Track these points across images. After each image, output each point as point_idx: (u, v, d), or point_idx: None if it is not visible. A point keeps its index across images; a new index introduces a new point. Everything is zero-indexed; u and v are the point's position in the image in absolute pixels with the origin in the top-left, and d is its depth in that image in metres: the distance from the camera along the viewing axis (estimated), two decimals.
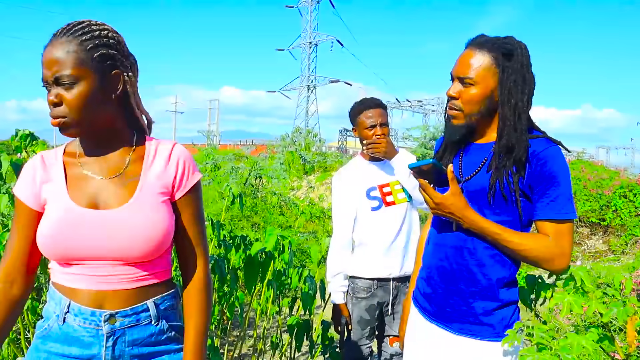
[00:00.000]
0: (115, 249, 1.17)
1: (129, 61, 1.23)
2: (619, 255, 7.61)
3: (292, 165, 16.13)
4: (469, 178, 1.53)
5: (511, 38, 1.47)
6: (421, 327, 1.64)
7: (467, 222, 1.47)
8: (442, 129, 9.27)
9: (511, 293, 1.51)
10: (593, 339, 1.31)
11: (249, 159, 12.62)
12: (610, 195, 8.20)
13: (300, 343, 2.67)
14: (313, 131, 22.19)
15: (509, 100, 1.44)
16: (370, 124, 2.46)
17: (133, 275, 1.21)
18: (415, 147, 16.08)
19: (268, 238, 2.38)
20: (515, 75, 1.43)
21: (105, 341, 1.19)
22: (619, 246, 7.80)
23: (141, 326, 1.22)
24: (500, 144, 1.45)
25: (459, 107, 1.50)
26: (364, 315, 2.54)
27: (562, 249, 1.42)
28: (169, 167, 1.25)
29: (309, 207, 8.84)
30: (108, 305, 1.19)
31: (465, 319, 1.51)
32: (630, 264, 1.71)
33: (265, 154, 18.61)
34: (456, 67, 1.51)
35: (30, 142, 2.86)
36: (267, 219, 7.71)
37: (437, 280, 1.59)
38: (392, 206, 2.50)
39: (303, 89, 46.90)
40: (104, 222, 1.17)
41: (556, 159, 1.42)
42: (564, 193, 1.41)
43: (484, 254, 1.49)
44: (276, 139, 23.18)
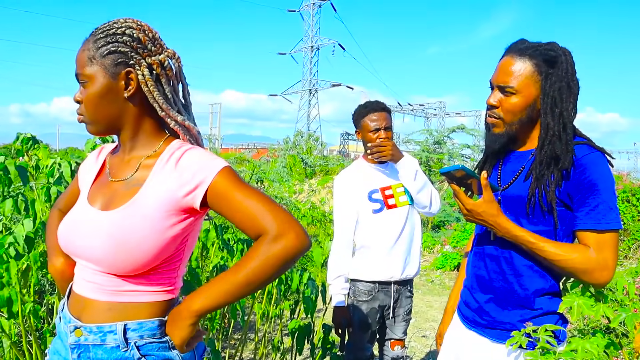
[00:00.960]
0: (86, 251, 1.12)
1: (152, 60, 1.15)
2: (622, 259, 7.58)
3: (293, 169, 16.14)
4: (507, 186, 1.50)
5: (554, 44, 1.43)
6: (461, 335, 1.63)
7: (501, 230, 1.44)
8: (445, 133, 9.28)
9: (552, 303, 1.46)
10: (598, 344, 1.30)
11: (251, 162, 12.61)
12: None
13: (301, 347, 2.66)
14: (315, 135, 22.19)
15: (552, 110, 1.40)
16: (375, 127, 2.45)
17: (110, 288, 1.12)
18: (417, 151, 16.02)
19: None
20: (560, 83, 1.39)
21: (70, 352, 1.14)
22: (622, 251, 7.77)
23: (107, 347, 1.11)
24: (543, 154, 1.40)
25: (499, 116, 1.47)
26: (365, 318, 2.52)
27: (604, 261, 1.35)
28: (176, 174, 1.11)
29: (310, 211, 8.83)
30: (85, 315, 1.14)
31: (503, 327, 1.49)
32: (633, 268, 1.70)
33: (267, 158, 18.61)
34: (496, 74, 1.46)
35: (32, 146, 2.86)
36: None
37: (476, 289, 1.58)
38: (394, 209, 2.49)
39: (305, 92, 46.95)
40: (89, 221, 1.14)
41: (597, 166, 1.36)
42: (605, 202, 1.34)
43: (521, 264, 1.47)
44: (278, 143, 23.19)
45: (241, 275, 1.06)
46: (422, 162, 15.17)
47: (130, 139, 1.19)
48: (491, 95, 1.49)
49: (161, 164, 1.14)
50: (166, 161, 1.13)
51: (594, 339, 1.32)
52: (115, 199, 1.15)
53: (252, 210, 1.09)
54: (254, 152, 33.88)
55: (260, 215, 1.08)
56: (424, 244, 9.17)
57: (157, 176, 1.12)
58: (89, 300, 1.14)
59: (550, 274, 1.46)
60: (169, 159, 1.13)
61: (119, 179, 1.18)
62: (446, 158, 15.11)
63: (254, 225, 1.09)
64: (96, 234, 1.10)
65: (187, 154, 1.13)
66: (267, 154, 23.70)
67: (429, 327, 5.15)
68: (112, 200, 1.15)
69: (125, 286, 1.12)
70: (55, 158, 2.68)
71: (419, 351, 4.39)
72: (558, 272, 1.45)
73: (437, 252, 8.93)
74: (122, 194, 1.14)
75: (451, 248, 8.71)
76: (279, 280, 2.61)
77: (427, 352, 4.38)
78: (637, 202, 8.02)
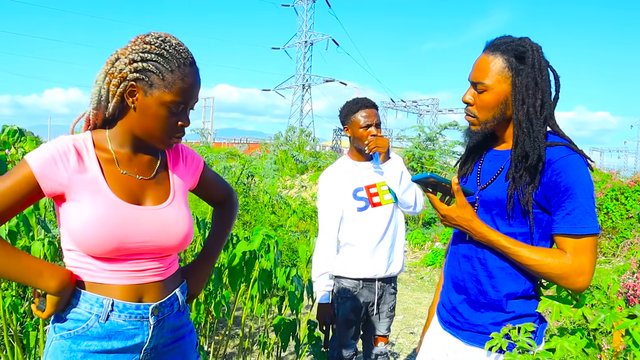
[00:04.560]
0: (162, 242, 1.28)
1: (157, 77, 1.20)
2: (610, 257, 7.63)
3: (285, 164, 16.10)
4: (485, 187, 1.49)
5: (525, 39, 1.40)
6: (438, 335, 1.62)
7: (476, 235, 1.43)
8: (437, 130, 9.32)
9: (526, 306, 1.44)
10: (577, 343, 1.29)
11: (241, 157, 12.56)
12: (602, 198, 8.22)
13: (286, 343, 2.65)
14: (307, 130, 22.14)
15: (522, 106, 1.38)
16: (366, 124, 2.45)
17: (163, 268, 1.33)
18: (410, 148, 16.04)
19: (254, 237, 2.35)
20: (527, 79, 1.37)
21: (151, 330, 1.29)
22: (611, 249, 7.82)
23: (174, 313, 1.36)
24: (516, 152, 1.39)
25: (474, 114, 1.45)
26: (349, 315, 2.52)
27: (580, 266, 1.32)
28: (182, 165, 1.41)
29: (301, 206, 8.82)
30: (146, 297, 1.29)
31: (475, 329, 1.48)
32: (620, 266, 1.70)
33: (259, 153, 18.56)
34: (471, 72, 1.46)
35: (18, 138, 2.82)
36: (258, 218, 7.67)
37: (450, 289, 1.57)
38: (378, 207, 2.49)
39: (298, 87, 46.84)
40: (153, 218, 1.27)
41: (573, 169, 1.32)
42: (581, 205, 1.31)
43: (494, 265, 1.45)
44: (270, 138, 23.13)
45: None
46: (414, 158, 15.20)
47: (140, 141, 1.30)
48: (466, 93, 1.48)
49: (170, 159, 1.39)
50: (171, 156, 1.40)
51: (572, 337, 1.31)
52: (157, 195, 1.31)
53: (221, 184, 1.60)
54: (246, 146, 33.79)
55: (225, 185, 1.62)
56: (415, 241, 9.19)
57: (175, 169, 1.38)
58: (148, 284, 1.29)
59: (526, 276, 1.44)
60: (172, 154, 1.40)
61: (148, 177, 1.31)
62: (437, 154, 15.15)
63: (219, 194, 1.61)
64: (166, 226, 1.28)
65: (181, 149, 1.43)
66: (259, 149, 23.63)
67: (417, 324, 5.16)
68: (156, 196, 1.31)
69: (169, 264, 1.35)
70: None
71: (406, 347, 4.40)
72: (532, 275, 1.43)
73: (428, 249, 8.95)
74: (158, 188, 1.32)
75: (441, 245, 8.73)
76: (265, 276, 2.59)
77: (414, 348, 4.39)
78: (626, 201, 8.08)
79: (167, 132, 1.25)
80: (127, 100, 1.22)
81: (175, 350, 1.39)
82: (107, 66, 1.21)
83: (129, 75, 1.19)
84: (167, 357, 1.37)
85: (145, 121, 1.23)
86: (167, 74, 1.19)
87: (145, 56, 1.19)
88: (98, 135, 1.27)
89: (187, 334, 1.43)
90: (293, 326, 2.66)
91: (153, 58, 1.19)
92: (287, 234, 7.22)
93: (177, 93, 1.20)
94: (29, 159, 1.16)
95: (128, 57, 1.19)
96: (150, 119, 1.22)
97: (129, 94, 1.21)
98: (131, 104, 1.22)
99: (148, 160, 1.33)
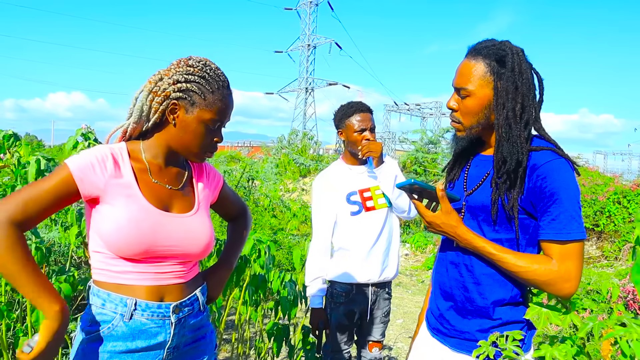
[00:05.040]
0: (186, 249, 1.36)
1: (199, 97, 1.32)
2: (612, 261, 7.57)
3: (287, 168, 16.08)
4: (471, 192, 1.46)
5: (506, 43, 1.38)
6: (426, 342, 1.59)
7: (461, 241, 1.41)
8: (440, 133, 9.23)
9: (513, 313, 1.41)
10: (567, 351, 1.26)
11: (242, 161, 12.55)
12: (604, 201, 8.17)
13: (279, 348, 2.62)
14: (309, 133, 22.10)
15: (501, 109, 1.36)
16: (360, 128, 2.43)
17: (185, 272, 1.40)
18: (412, 151, 15.99)
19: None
20: (506, 83, 1.35)
21: (173, 328, 1.35)
22: (613, 252, 7.77)
23: (195, 312, 1.43)
24: (497, 157, 1.37)
25: (458, 120, 1.44)
26: (342, 320, 2.49)
27: (567, 273, 1.29)
28: (206, 180, 1.52)
29: (301, 210, 8.79)
30: (168, 297, 1.36)
31: (462, 336, 1.45)
32: (622, 270, 1.66)
33: (261, 156, 18.56)
34: (455, 77, 1.44)
35: (13, 143, 2.81)
36: (258, 222, 7.65)
37: (438, 296, 1.55)
38: (372, 211, 2.46)
39: (301, 91, 46.90)
40: (180, 225, 1.35)
41: (558, 174, 1.30)
42: (566, 210, 1.29)
43: (481, 272, 1.42)
44: (272, 141, 23.11)
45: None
46: (417, 161, 15.15)
47: (174, 154, 1.42)
48: (450, 98, 1.46)
49: (195, 172, 1.50)
50: (196, 169, 1.50)
51: (562, 346, 1.28)
52: (183, 204, 1.40)
53: (237, 200, 1.72)
54: (249, 150, 33.81)
55: (240, 202, 1.74)
56: (417, 244, 9.15)
57: (199, 182, 1.48)
58: (170, 286, 1.37)
59: (513, 283, 1.41)
60: (196, 168, 1.51)
61: (177, 187, 1.41)
62: (440, 157, 15.09)
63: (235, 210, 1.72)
64: (193, 234, 1.38)
65: (208, 166, 1.56)
66: (261, 152, 23.60)
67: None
68: (182, 206, 1.40)
69: (192, 267, 1.44)
70: (37, 155, 2.63)
71: (404, 352, 4.36)
72: (519, 281, 1.41)
73: (429, 252, 8.91)
74: (185, 198, 1.42)
75: None
76: (256, 282, 2.56)
77: None
78: (628, 204, 8.02)
79: (203, 148, 1.37)
80: (167, 117, 1.33)
81: (197, 349, 1.46)
82: (150, 85, 1.32)
83: (172, 94, 1.30)
84: (189, 356, 1.44)
85: (185, 136, 1.34)
86: (208, 94, 1.31)
87: (188, 77, 1.30)
88: (133, 146, 1.38)
89: (208, 334, 1.50)
90: (286, 331, 2.63)
91: (196, 80, 1.31)
92: (287, 238, 7.18)
93: (216, 112, 1.33)
94: (70, 162, 1.25)
95: (172, 78, 1.30)
96: (190, 134, 1.34)
97: (170, 111, 1.33)
98: (172, 121, 1.34)
99: (177, 172, 1.43)
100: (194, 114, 1.32)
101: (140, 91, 1.35)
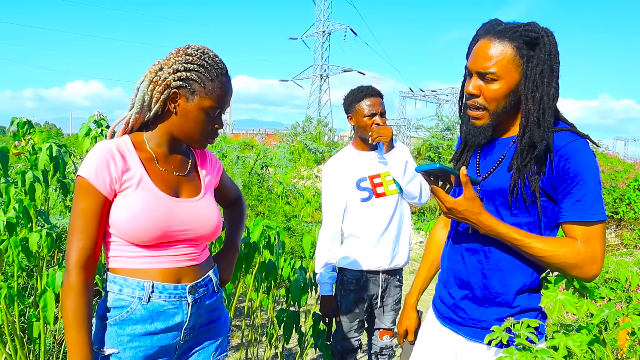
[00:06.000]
0: (199, 231, 1.40)
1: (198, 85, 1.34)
2: (632, 249, 7.44)
3: (302, 155, 16.05)
4: (486, 176, 1.41)
5: (535, 24, 1.31)
6: (436, 331, 1.56)
7: (484, 228, 1.34)
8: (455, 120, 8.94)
9: (531, 299, 1.38)
10: (581, 340, 1.22)
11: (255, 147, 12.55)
12: (624, 188, 8.02)
13: (289, 335, 2.61)
14: (324, 120, 22.02)
15: (533, 94, 1.30)
16: (370, 112, 2.39)
17: (198, 253, 1.44)
18: (427, 137, 15.84)
19: (254, 229, 2.30)
20: (542, 66, 1.29)
21: (190, 309, 1.39)
22: (632, 240, 7.63)
23: (209, 293, 1.47)
24: (523, 142, 1.31)
25: (483, 105, 1.35)
26: (352, 307, 2.47)
27: (593, 254, 1.28)
28: (208, 165, 1.56)
29: (315, 197, 8.76)
30: (184, 279, 1.39)
31: (479, 325, 1.42)
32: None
33: (276, 143, 18.57)
34: (474, 60, 1.34)
35: (27, 130, 2.81)
36: (272, 209, 7.64)
37: (451, 284, 1.51)
38: (382, 197, 2.42)
39: (316, 78, 46.72)
40: (191, 209, 1.40)
41: (581, 154, 1.26)
42: (590, 191, 1.26)
43: (501, 258, 1.38)
44: (287, 129, 23.11)
45: None
46: (432, 148, 15.02)
47: (177, 142, 1.45)
48: (470, 82, 1.37)
49: (198, 158, 1.53)
50: (199, 155, 1.54)
51: (577, 335, 1.23)
52: (190, 189, 1.44)
53: (233, 186, 1.76)
54: (264, 137, 33.85)
55: (236, 188, 1.78)
56: (427, 231, 9.08)
57: (202, 167, 1.52)
58: (186, 268, 1.40)
59: (533, 267, 1.37)
60: (199, 154, 1.54)
61: (183, 173, 1.44)
62: (456, 144, 14.95)
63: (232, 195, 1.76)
64: (203, 217, 1.42)
65: (209, 152, 1.58)
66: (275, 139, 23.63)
67: (423, 318, 5.08)
68: (190, 191, 1.44)
69: (204, 250, 1.49)
70: (50, 142, 2.62)
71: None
72: (543, 267, 1.36)
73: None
74: (192, 183, 1.46)
75: None
76: (265, 269, 2.54)
77: None
78: None
79: (205, 134, 1.40)
80: (169, 106, 1.36)
81: (211, 330, 1.50)
82: (150, 75, 1.35)
83: (173, 83, 1.33)
84: (203, 337, 1.48)
85: (186, 124, 1.37)
86: (208, 82, 1.34)
87: (188, 66, 1.32)
88: (136, 138, 1.41)
89: (222, 316, 1.55)
90: (296, 318, 2.61)
91: (195, 68, 1.33)
92: (301, 225, 7.17)
93: (216, 99, 1.35)
94: (83, 173, 1.28)
95: (172, 67, 1.33)
96: (191, 122, 1.37)
97: (171, 100, 1.35)
98: (173, 109, 1.36)
99: (181, 159, 1.47)
100: (194, 102, 1.34)
101: (141, 81, 1.38)
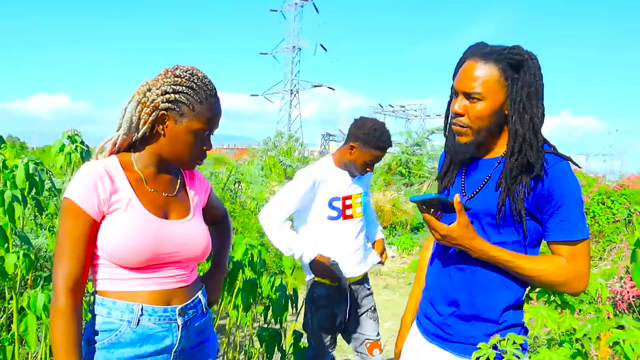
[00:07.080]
0: (188, 253, 1.39)
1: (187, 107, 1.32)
2: (597, 261, 7.66)
3: (273, 169, 16.03)
4: (472, 196, 1.45)
5: (519, 48, 1.37)
6: (421, 347, 1.57)
7: (476, 252, 1.38)
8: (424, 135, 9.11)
9: (516, 315, 1.43)
10: (565, 354, 1.26)
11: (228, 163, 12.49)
12: (589, 202, 8.26)
13: (271, 354, 2.59)
14: (295, 135, 22.09)
15: (521, 116, 1.35)
16: (373, 162, 2.45)
17: (188, 275, 1.43)
18: (397, 153, 16.05)
19: (237, 247, 2.30)
20: (529, 88, 1.34)
21: (180, 331, 1.37)
22: (597, 252, 7.85)
23: (199, 315, 1.45)
24: (513, 162, 1.36)
25: (466, 124, 1.40)
26: (324, 323, 2.50)
27: (580, 271, 1.35)
28: (197, 185, 1.54)
29: None
30: (174, 301, 1.37)
31: (466, 341, 1.45)
32: (607, 270, 1.68)
33: (247, 158, 18.51)
34: (460, 80, 1.40)
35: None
36: (245, 225, 7.59)
37: (438, 301, 1.53)
38: (349, 219, 2.49)
39: (286, 93, 46.89)
40: (181, 231, 1.38)
41: (564, 177, 1.33)
42: (574, 212, 1.33)
43: (487, 277, 1.42)
44: (258, 144, 23.07)
45: None
46: (402, 163, 15.21)
47: (165, 163, 1.42)
48: (456, 102, 1.42)
49: (186, 179, 1.51)
50: (187, 176, 1.52)
51: (561, 349, 1.28)
52: (180, 210, 1.43)
53: (220, 205, 1.74)
54: (234, 152, 33.68)
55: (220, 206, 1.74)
56: (403, 246, 9.16)
57: (191, 188, 1.50)
58: (175, 289, 1.38)
59: (519, 284, 1.41)
60: (187, 174, 1.52)
61: (172, 194, 1.43)
62: (425, 159, 15.17)
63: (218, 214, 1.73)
64: (193, 238, 1.40)
65: (197, 172, 1.56)
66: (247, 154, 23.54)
67: None
68: (179, 212, 1.42)
69: (192, 271, 1.47)
70: (23, 158, 2.56)
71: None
72: (530, 284, 1.41)
73: (416, 254, 8.93)
74: (180, 204, 1.44)
75: None
76: (248, 287, 2.54)
77: None
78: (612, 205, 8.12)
79: (193, 156, 1.39)
80: (157, 127, 1.34)
81: (201, 352, 1.48)
82: (138, 96, 1.33)
83: (161, 105, 1.31)
84: (193, 358, 1.46)
85: (175, 146, 1.35)
86: (197, 104, 1.32)
87: (176, 88, 1.30)
88: (123, 158, 1.38)
89: (211, 337, 1.54)
90: (278, 336, 2.60)
91: (184, 90, 1.31)
92: None
93: (205, 122, 1.34)
94: (71, 195, 1.26)
95: (160, 89, 1.30)
96: (180, 144, 1.35)
97: (159, 122, 1.33)
98: (161, 131, 1.34)
99: (170, 179, 1.45)
100: (183, 124, 1.33)
101: (128, 102, 1.35)
